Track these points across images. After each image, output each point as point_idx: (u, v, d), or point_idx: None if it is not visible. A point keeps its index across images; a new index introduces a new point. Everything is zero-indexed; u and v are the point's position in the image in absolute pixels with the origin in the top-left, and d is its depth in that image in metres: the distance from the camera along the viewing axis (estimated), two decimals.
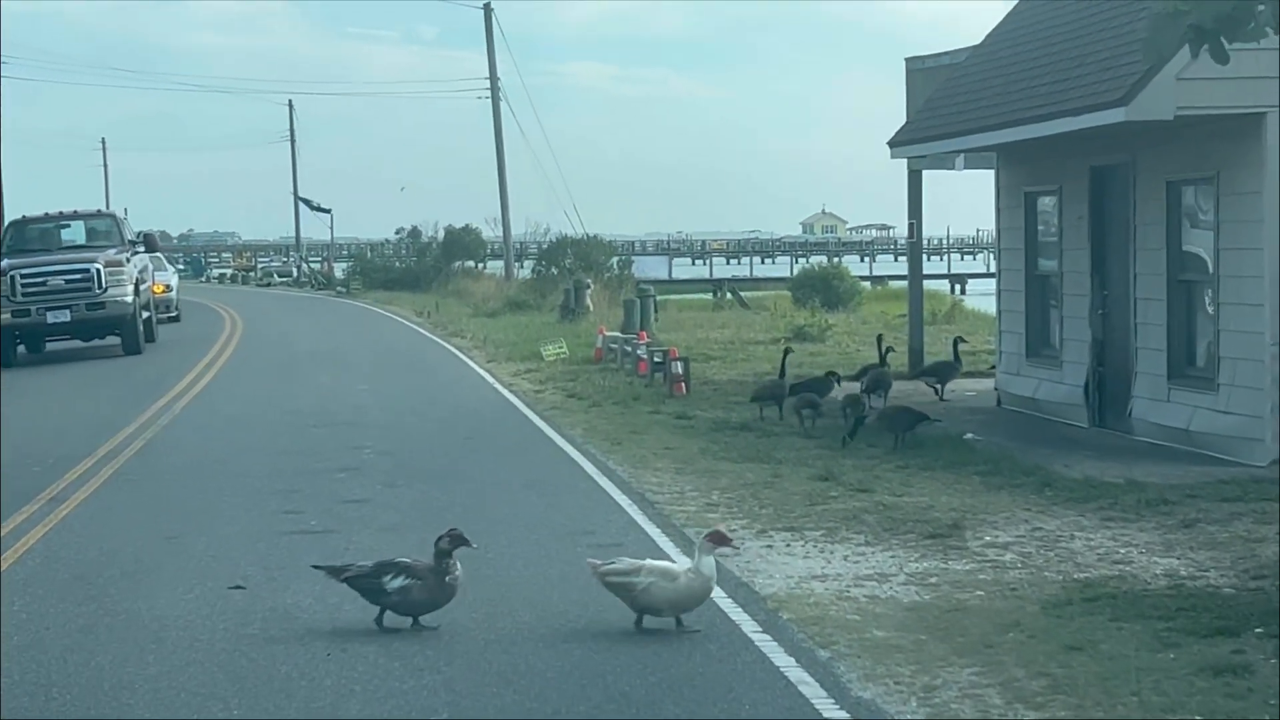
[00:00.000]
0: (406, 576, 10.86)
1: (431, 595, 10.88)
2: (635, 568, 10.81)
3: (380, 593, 10.92)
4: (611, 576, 10.82)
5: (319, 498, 16.20)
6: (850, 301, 44.03)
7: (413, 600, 10.88)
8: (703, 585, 10.68)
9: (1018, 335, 22.99)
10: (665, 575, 10.68)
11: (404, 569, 10.92)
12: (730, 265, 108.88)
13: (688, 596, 10.66)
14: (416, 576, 10.86)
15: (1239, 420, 17.53)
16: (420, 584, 10.84)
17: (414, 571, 10.89)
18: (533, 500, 15.86)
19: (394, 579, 10.87)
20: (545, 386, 27.37)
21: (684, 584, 10.62)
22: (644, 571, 10.72)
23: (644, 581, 10.64)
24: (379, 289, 68.49)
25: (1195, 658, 9.66)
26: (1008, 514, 14.68)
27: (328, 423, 22.40)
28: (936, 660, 9.91)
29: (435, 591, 10.87)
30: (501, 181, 66.35)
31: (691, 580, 10.63)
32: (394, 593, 10.86)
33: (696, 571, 10.67)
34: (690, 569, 10.73)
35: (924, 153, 24.01)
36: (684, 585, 10.62)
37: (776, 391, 22.36)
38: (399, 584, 10.85)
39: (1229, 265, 17.82)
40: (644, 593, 10.64)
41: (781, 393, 22.28)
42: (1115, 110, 17.31)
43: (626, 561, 11.02)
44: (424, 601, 10.89)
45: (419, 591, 10.85)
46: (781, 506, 15.31)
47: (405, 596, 10.86)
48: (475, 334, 40.04)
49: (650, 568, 10.80)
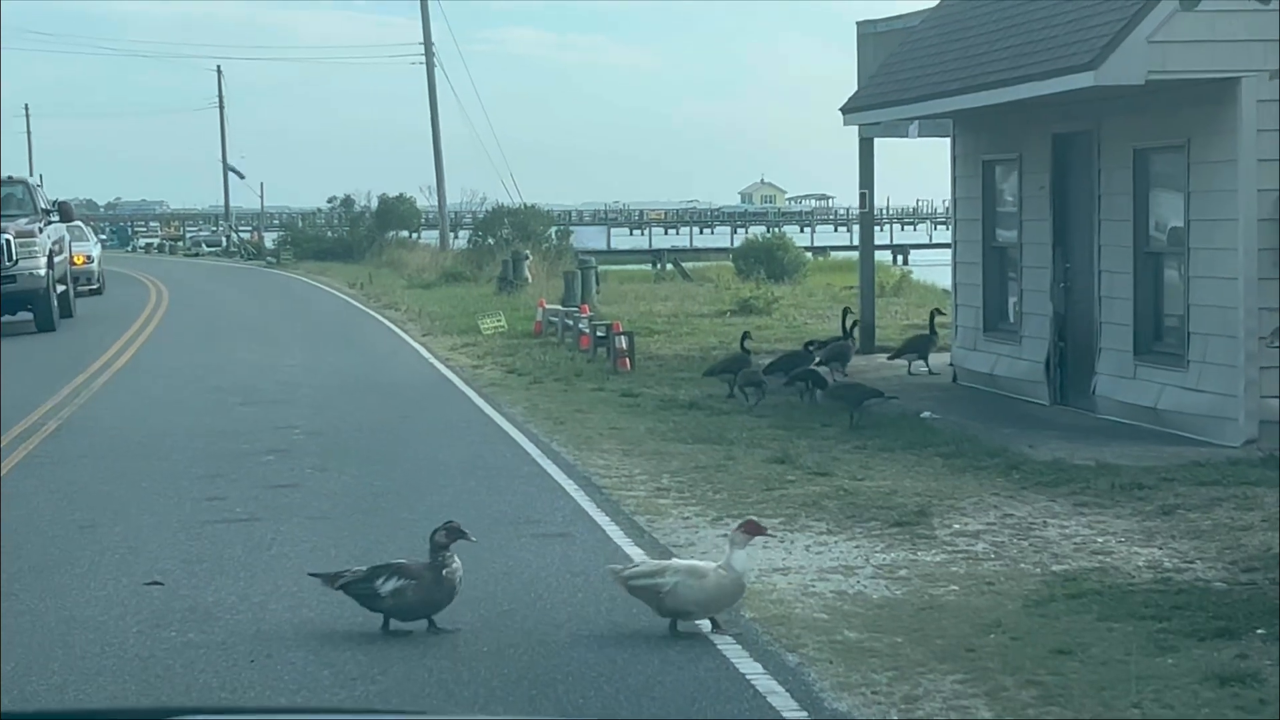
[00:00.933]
0: (399, 578, 9.98)
1: (428, 595, 10.00)
2: (660, 568, 9.96)
3: (374, 597, 10.04)
4: (636, 580, 9.94)
5: (244, 483, 15.26)
6: (795, 273, 43.22)
7: (408, 603, 9.99)
8: (735, 582, 9.85)
9: (974, 309, 22.23)
10: (692, 574, 9.81)
11: (397, 570, 10.05)
12: (669, 235, 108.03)
13: (719, 595, 9.82)
14: (410, 577, 9.98)
15: (1211, 399, 16.82)
16: (414, 584, 9.95)
17: (407, 572, 10.02)
18: (473, 485, 14.97)
19: (386, 581, 9.99)
20: (484, 362, 26.45)
21: (714, 582, 9.77)
22: (669, 571, 9.86)
23: (669, 582, 9.76)
24: (310, 259, 67.22)
25: (1197, 663, 8.88)
26: (975, 499, 13.90)
27: (255, 400, 21.43)
28: (915, 666, 9.10)
29: (432, 591, 10.00)
30: (436, 149, 65.25)
31: (722, 578, 9.79)
32: (388, 596, 9.97)
33: (728, 567, 9.83)
34: (721, 565, 9.88)
35: (878, 119, 23.20)
36: (714, 583, 9.77)
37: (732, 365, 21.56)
38: (392, 586, 9.95)
39: (1200, 237, 17.09)
40: (671, 594, 9.75)
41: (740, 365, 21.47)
42: (1084, 74, 16.53)
43: (649, 563, 10.19)
44: (421, 603, 10.01)
45: (414, 592, 9.96)
46: (736, 492, 14.48)
47: (400, 600, 9.97)
48: (410, 306, 39.04)
49: (676, 566, 9.95)
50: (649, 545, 12.35)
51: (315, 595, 10.85)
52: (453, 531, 10.18)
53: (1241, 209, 16.39)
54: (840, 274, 49.45)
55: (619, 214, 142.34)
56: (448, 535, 10.16)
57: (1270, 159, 16.27)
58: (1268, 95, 16.18)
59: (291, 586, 11.15)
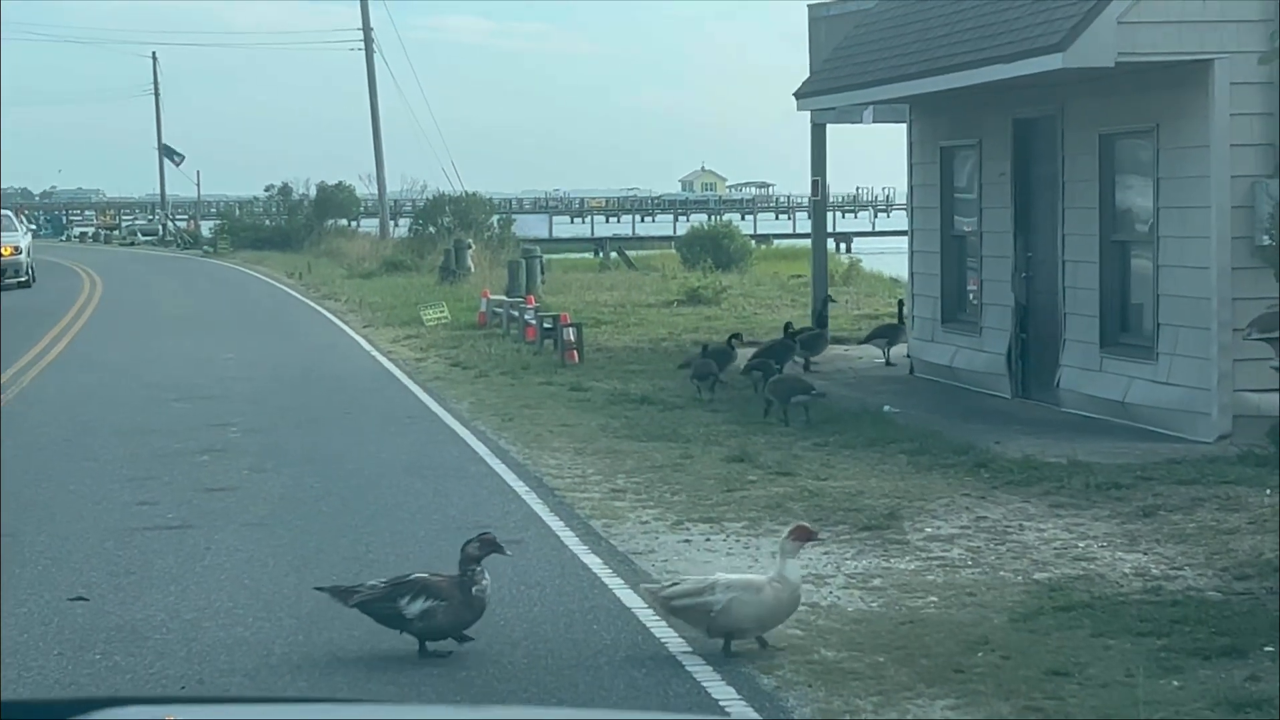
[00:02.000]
0: (427, 598, 9.18)
1: (458, 616, 9.24)
2: (706, 584, 9.18)
3: (398, 619, 9.24)
4: (679, 600, 9.16)
5: (177, 486, 14.49)
6: (741, 261, 42.59)
7: (437, 625, 9.21)
8: (791, 595, 9.15)
9: (932, 299, 21.64)
10: (747, 588, 9.07)
11: (423, 588, 9.23)
12: (611, 224, 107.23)
13: (775, 610, 9.12)
14: (439, 597, 9.19)
15: (1182, 392, 16.26)
16: (444, 606, 9.17)
17: (434, 590, 9.22)
18: (418, 487, 14.24)
19: (412, 602, 9.17)
20: (427, 354, 25.68)
21: (770, 596, 9.06)
22: (718, 588, 9.08)
23: (721, 600, 9.02)
24: (248, 249, 66.14)
25: (1205, 686, 8.26)
26: (946, 500, 13.28)
27: (190, 396, 20.61)
28: (901, 689, 8.45)
29: (461, 611, 9.23)
30: (376, 137, 64.28)
31: (778, 591, 9.08)
32: (416, 619, 9.18)
33: (782, 579, 9.11)
34: (774, 578, 9.14)
35: (833, 104, 22.56)
36: (770, 598, 9.06)
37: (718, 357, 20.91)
38: (420, 608, 9.16)
39: (1170, 224, 16.53)
40: (723, 613, 9.01)
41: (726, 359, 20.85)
42: (1052, 56, 15.92)
43: (692, 579, 9.41)
44: (450, 624, 9.25)
45: (444, 615, 9.19)
46: (695, 493, 13.81)
47: (430, 622, 9.18)
48: (350, 297, 38.18)
49: (725, 582, 9.15)
50: (606, 553, 11.68)
51: (250, 612, 10.15)
52: (486, 544, 9.40)
53: (1214, 195, 15.82)
54: (786, 262, 48.89)
55: (559, 202, 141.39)
56: (480, 548, 9.36)
57: (1245, 143, 15.72)
58: (1242, 78, 15.63)
59: (226, 602, 10.43)
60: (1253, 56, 15.60)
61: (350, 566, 11.32)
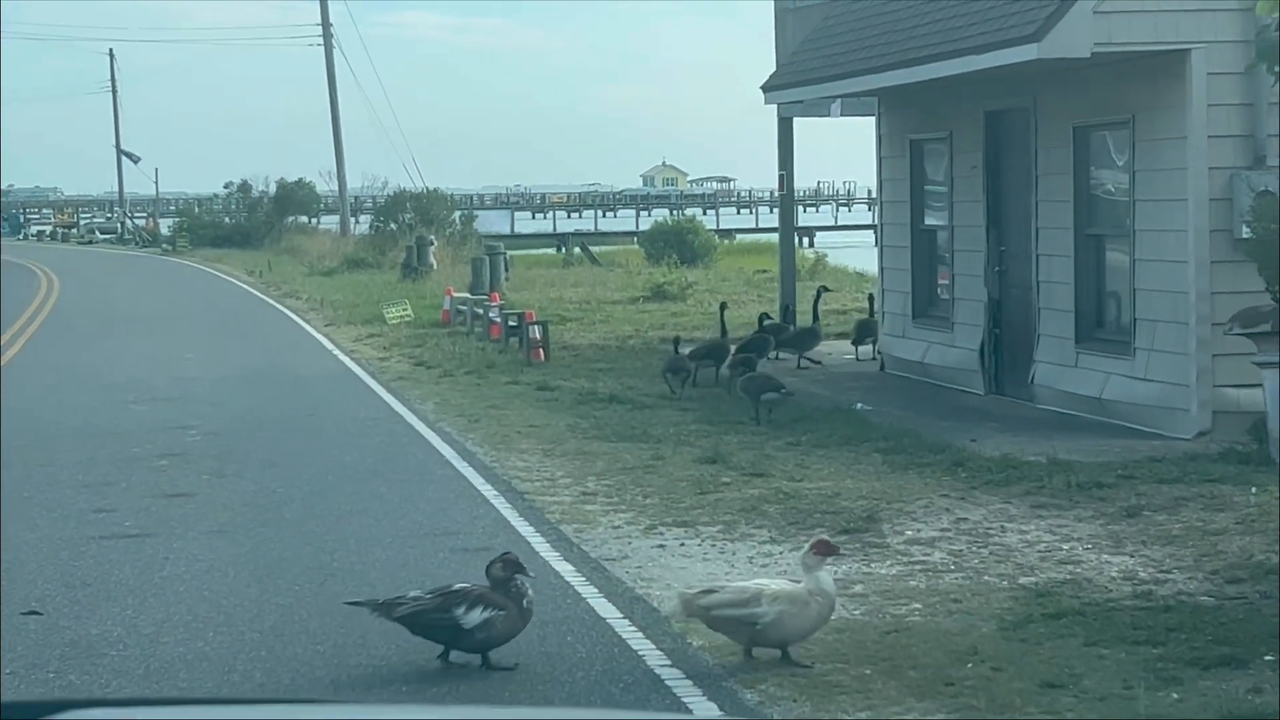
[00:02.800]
0: (485, 607, 8.73)
1: (513, 626, 8.84)
2: (750, 594, 8.78)
3: (455, 631, 8.77)
4: (722, 610, 8.79)
5: (135, 492, 14.09)
6: (706, 257, 42.23)
7: (497, 634, 8.79)
8: (829, 607, 8.88)
9: (903, 294, 21.35)
10: (794, 600, 8.73)
11: (477, 598, 8.79)
12: (573, 219, 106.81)
13: (817, 624, 8.85)
14: (497, 606, 8.75)
15: (1160, 388, 16.00)
16: (504, 615, 8.76)
17: (490, 600, 8.78)
18: (383, 491, 13.87)
19: (469, 611, 8.71)
20: (390, 353, 25.28)
21: (815, 610, 8.76)
22: (764, 599, 8.72)
23: (769, 613, 8.68)
24: (207, 246, 65.55)
25: (1206, 698, 7.95)
26: (925, 501, 12.97)
27: (149, 398, 20.19)
28: (890, 703, 8.13)
29: (516, 621, 8.84)
30: (336, 133, 63.77)
31: (821, 605, 8.79)
32: (477, 629, 8.72)
33: (821, 592, 8.80)
34: (813, 590, 8.80)
35: (801, 98, 22.25)
36: (815, 612, 8.77)
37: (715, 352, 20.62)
38: (481, 617, 8.70)
39: (1146, 218, 16.26)
40: (773, 625, 8.68)
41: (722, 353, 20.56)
42: (1026, 47, 15.63)
43: (733, 587, 9.00)
44: (506, 634, 8.83)
45: (502, 624, 8.77)
46: (668, 495, 13.47)
47: (490, 631, 8.75)
48: (311, 295, 37.71)
49: (772, 593, 8.78)
50: (578, 560, 11.34)
51: (211, 626, 9.78)
52: (510, 564, 9.02)
53: (1191, 188, 15.55)
54: (750, 257, 48.57)
55: (521, 198, 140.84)
56: (505, 568, 8.97)
57: (1223, 135, 15.46)
58: (1219, 68, 15.37)
59: (185, 615, 10.06)
60: (1231, 46, 15.37)
61: (314, 576, 10.97)
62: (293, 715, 3.74)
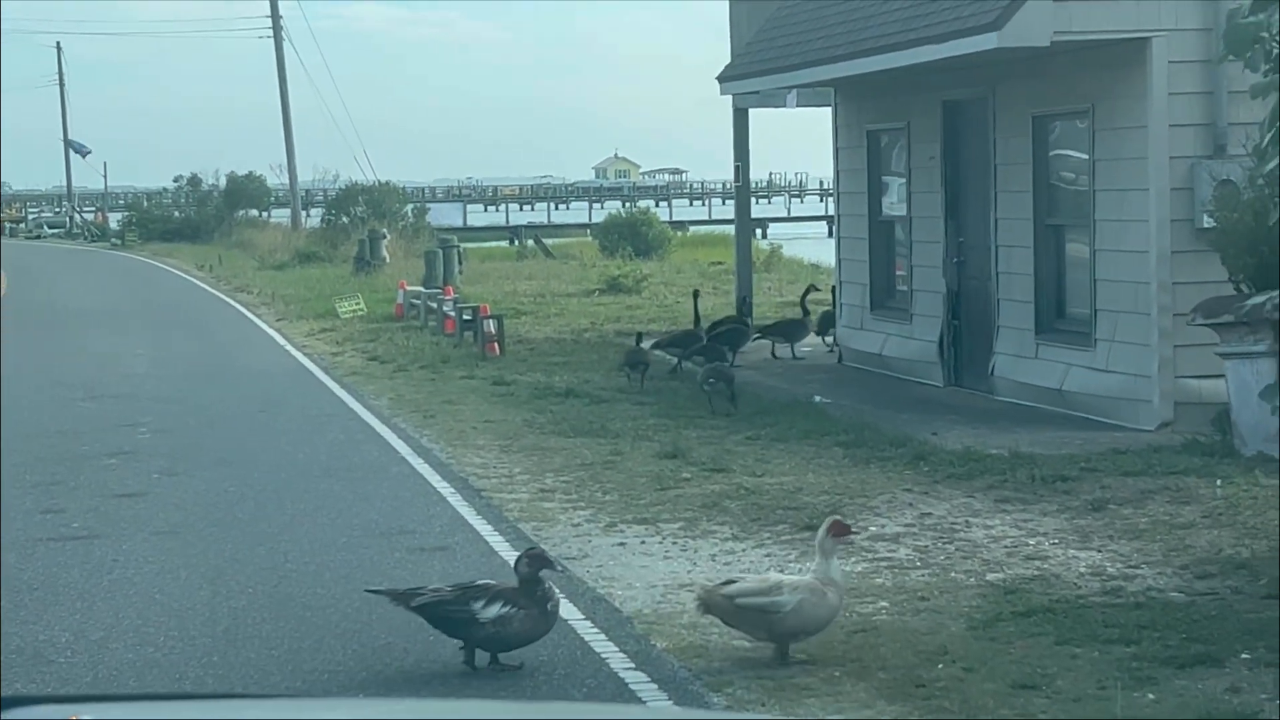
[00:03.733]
0: (504, 603, 8.51)
1: (532, 627, 8.60)
2: (772, 584, 8.61)
3: (470, 624, 8.54)
4: (746, 599, 8.57)
5: (84, 491, 13.80)
6: (660, 249, 42.04)
7: (510, 633, 8.56)
8: (841, 598, 8.72)
9: (861, 286, 21.19)
10: (813, 591, 8.55)
11: (496, 594, 8.58)
12: (525, 211, 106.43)
13: (834, 614, 8.68)
14: (516, 604, 8.53)
15: (1121, 379, 15.87)
16: (522, 614, 8.52)
17: (510, 597, 8.56)
18: (338, 490, 13.62)
19: (487, 606, 8.49)
20: (343, 348, 24.99)
21: (833, 600, 8.59)
22: (785, 588, 8.54)
23: (790, 601, 8.50)
24: (157, 241, 64.94)
25: (1183, 698, 7.79)
26: (887, 496, 12.81)
27: (98, 395, 19.87)
28: (861, 706, 7.95)
29: (537, 623, 8.60)
30: (287, 126, 63.25)
31: (836, 595, 8.64)
32: (490, 623, 8.50)
33: (833, 582, 8.64)
34: (825, 580, 8.62)
35: (757, 88, 22.06)
36: (833, 602, 8.59)
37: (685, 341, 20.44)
38: (496, 612, 8.47)
39: (1107, 208, 16.13)
40: (793, 614, 8.49)
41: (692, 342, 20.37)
42: (986, 36, 15.47)
43: (752, 578, 8.81)
44: (520, 635, 8.60)
45: (519, 623, 8.53)
46: (628, 492, 13.27)
47: (503, 628, 8.53)
48: (263, 289, 37.32)
49: (791, 584, 8.60)
50: None
51: (162, 630, 9.54)
52: (536, 560, 8.78)
53: (1152, 177, 15.43)
54: (704, 249, 48.38)
55: (473, 190, 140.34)
56: (531, 564, 8.73)
57: (1183, 124, 15.34)
58: (1180, 56, 15.25)
59: (135, 619, 9.81)
60: (1191, 34, 15.26)
61: (268, 577, 10.73)
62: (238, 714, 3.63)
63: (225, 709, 3.87)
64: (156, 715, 3.67)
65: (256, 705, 4.15)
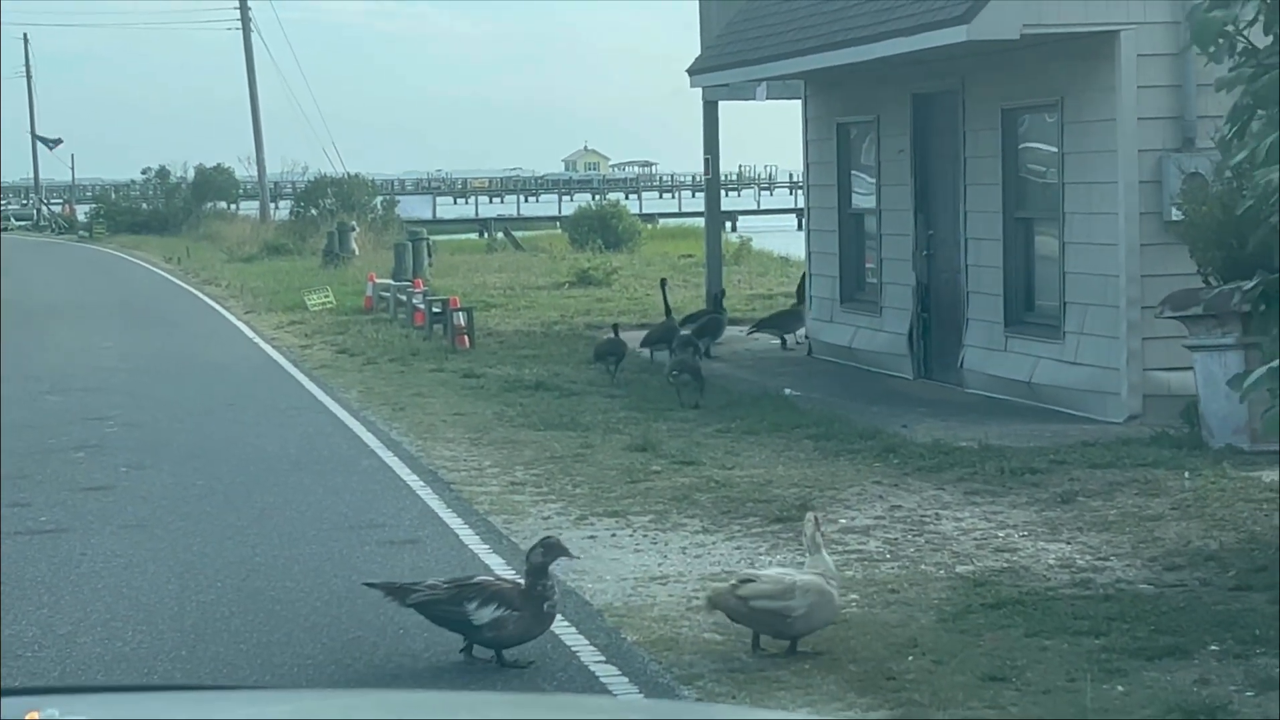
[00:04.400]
0: (498, 605, 8.47)
1: (527, 629, 8.57)
2: (785, 587, 8.55)
3: (464, 625, 8.54)
4: (759, 602, 8.55)
5: (51, 485, 13.74)
6: (630, 241, 42.00)
7: (506, 635, 8.55)
8: (839, 593, 8.76)
9: (830, 279, 21.21)
10: (821, 593, 8.54)
11: (491, 594, 8.53)
12: (495, 204, 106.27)
13: (837, 612, 8.73)
14: (510, 605, 8.50)
15: (1090, 372, 15.92)
16: (516, 616, 8.48)
17: (504, 598, 8.52)
18: (307, 483, 13.58)
19: (481, 608, 8.46)
20: (312, 341, 24.92)
21: (837, 599, 8.65)
22: (798, 591, 8.51)
23: (802, 606, 8.49)
24: (125, 233, 64.65)
25: (1152, 691, 7.81)
26: (857, 488, 12.82)
27: (64, 388, 19.78)
28: (832, 700, 7.95)
29: (531, 624, 8.56)
30: (255, 118, 63.08)
31: (838, 591, 8.70)
32: (485, 627, 8.49)
33: (834, 576, 8.72)
34: (827, 574, 8.64)
35: (727, 80, 22.05)
36: (837, 600, 8.65)
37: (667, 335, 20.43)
38: (491, 616, 8.46)
39: (1075, 201, 16.17)
40: (803, 619, 8.51)
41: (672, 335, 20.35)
42: (955, 29, 15.50)
43: (768, 578, 8.71)
44: (516, 636, 8.57)
45: (515, 625, 8.51)
46: (598, 484, 13.25)
47: (499, 631, 8.51)
48: (231, 281, 37.19)
49: (803, 585, 8.55)
50: (509, 552, 11.10)
51: (130, 625, 9.50)
52: (551, 549, 8.74)
53: (1121, 171, 15.47)
54: (674, 241, 48.38)
55: (442, 183, 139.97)
56: (546, 553, 8.68)
57: (1152, 116, 15.38)
58: (1149, 49, 15.29)
59: (103, 613, 9.76)
60: (1160, 27, 15.30)
61: (237, 571, 10.69)
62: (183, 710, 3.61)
63: (201, 700, 3.84)
64: (127, 709, 3.63)
65: (227, 697, 4.13)
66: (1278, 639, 8.35)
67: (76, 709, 3.55)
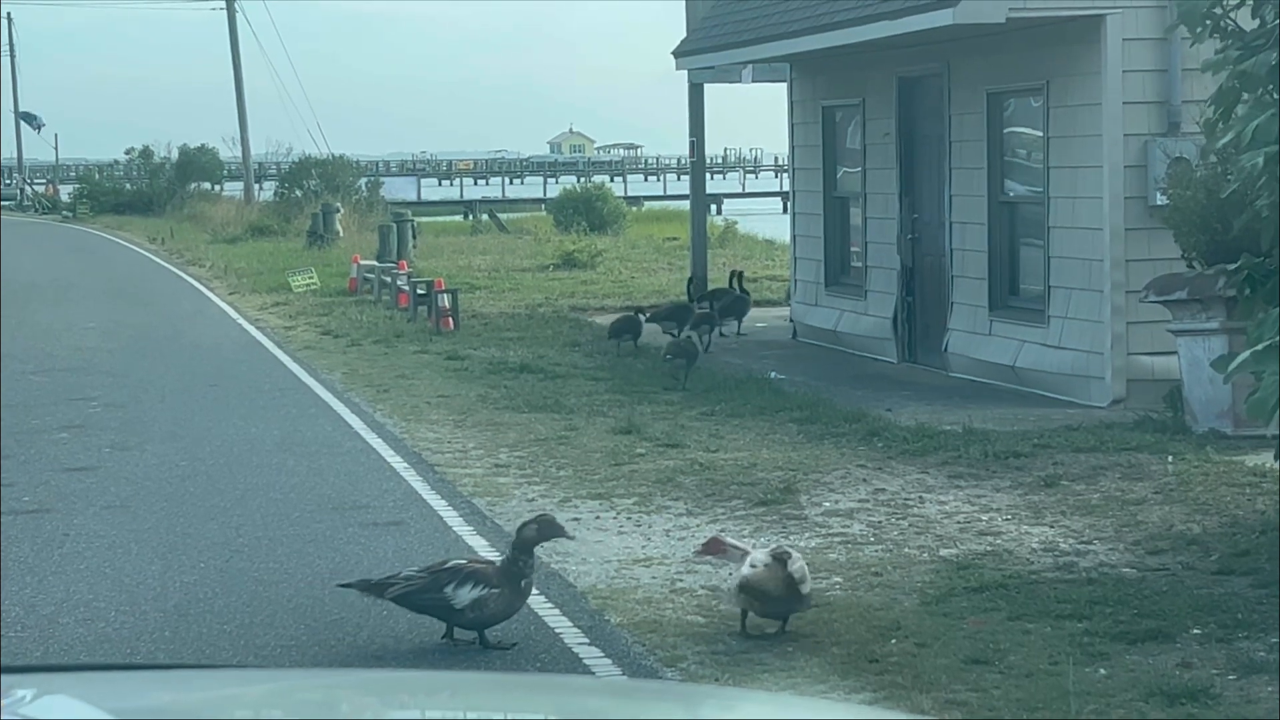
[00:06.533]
0: (475, 585, 8.43)
1: (509, 604, 8.53)
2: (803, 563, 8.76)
3: (448, 611, 8.50)
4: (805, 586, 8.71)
5: (34, 465, 13.70)
6: (615, 224, 41.95)
7: (488, 614, 8.51)
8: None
9: (815, 262, 21.21)
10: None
11: (468, 575, 8.49)
12: (479, 186, 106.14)
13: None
14: (488, 584, 8.45)
15: (1074, 356, 15.94)
16: (496, 594, 8.44)
17: (482, 577, 8.48)
18: (291, 464, 13.56)
19: (459, 589, 8.41)
20: (296, 322, 24.88)
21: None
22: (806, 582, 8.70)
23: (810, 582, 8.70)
24: (108, 213, 64.45)
25: (1134, 674, 7.82)
26: (841, 471, 12.83)
27: (48, 368, 19.73)
28: (815, 682, 7.96)
29: (512, 601, 8.53)
30: (239, 98, 62.90)
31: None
32: (467, 609, 8.44)
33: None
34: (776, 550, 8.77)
35: (712, 63, 22.03)
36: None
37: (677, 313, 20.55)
38: (470, 596, 8.40)
39: (1060, 185, 16.18)
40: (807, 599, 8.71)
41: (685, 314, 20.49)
42: (942, 12, 15.49)
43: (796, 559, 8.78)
44: (498, 614, 8.54)
45: (495, 603, 8.47)
46: (582, 467, 13.25)
47: (481, 611, 8.47)
48: (215, 262, 37.09)
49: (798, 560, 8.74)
50: (492, 534, 11.10)
51: (113, 605, 9.48)
52: (547, 526, 8.72)
53: (1106, 155, 15.48)
54: (659, 224, 48.37)
55: (427, 164, 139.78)
56: (540, 530, 8.66)
57: (1137, 101, 15.39)
58: (1134, 33, 15.29)
59: (86, 594, 9.75)
60: (1146, 12, 15.29)
61: (220, 552, 10.68)
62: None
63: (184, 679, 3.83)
64: (110, 689, 3.61)
65: (210, 676, 4.11)
66: (1260, 623, 8.37)
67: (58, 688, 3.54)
